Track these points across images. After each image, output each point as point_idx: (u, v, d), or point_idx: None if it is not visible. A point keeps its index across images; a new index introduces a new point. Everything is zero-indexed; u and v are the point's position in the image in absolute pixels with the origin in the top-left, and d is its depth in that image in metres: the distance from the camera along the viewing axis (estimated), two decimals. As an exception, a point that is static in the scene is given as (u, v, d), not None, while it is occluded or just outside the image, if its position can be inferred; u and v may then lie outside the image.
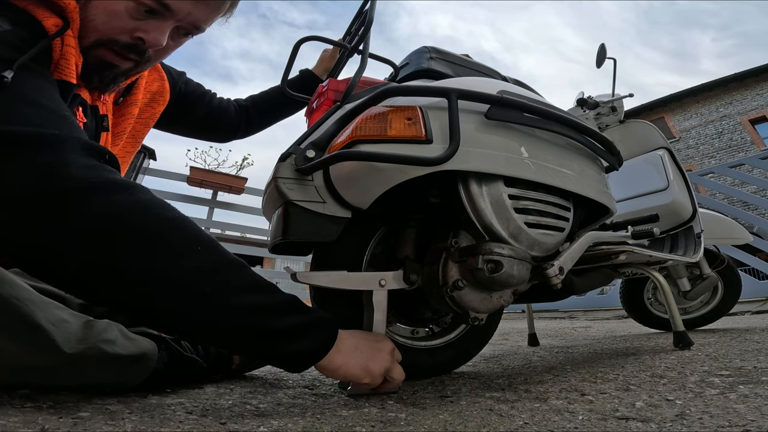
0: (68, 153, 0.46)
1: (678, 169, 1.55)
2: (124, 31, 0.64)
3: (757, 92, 12.68)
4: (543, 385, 0.70)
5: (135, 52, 0.67)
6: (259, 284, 0.51)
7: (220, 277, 0.48)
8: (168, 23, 0.67)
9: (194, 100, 1.04)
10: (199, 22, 0.70)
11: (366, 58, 0.71)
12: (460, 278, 0.68)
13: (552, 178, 0.70)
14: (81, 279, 0.44)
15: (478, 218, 0.67)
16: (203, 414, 0.52)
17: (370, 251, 0.77)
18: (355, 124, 0.63)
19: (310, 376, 0.87)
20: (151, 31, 0.65)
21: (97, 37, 0.64)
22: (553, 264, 0.73)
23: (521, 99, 0.70)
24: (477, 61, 0.92)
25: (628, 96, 1.64)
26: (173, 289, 0.46)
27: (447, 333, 0.84)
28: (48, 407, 0.52)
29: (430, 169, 0.60)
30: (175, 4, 0.65)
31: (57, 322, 0.54)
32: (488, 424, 0.49)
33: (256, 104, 1.17)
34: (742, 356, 0.92)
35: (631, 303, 1.77)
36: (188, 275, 0.46)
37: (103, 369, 0.57)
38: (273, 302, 0.51)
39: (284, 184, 0.62)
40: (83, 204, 0.44)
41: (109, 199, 0.45)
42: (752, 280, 3.10)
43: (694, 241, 1.40)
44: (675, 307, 1.15)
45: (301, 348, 0.52)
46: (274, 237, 0.66)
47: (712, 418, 0.48)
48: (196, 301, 0.46)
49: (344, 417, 0.52)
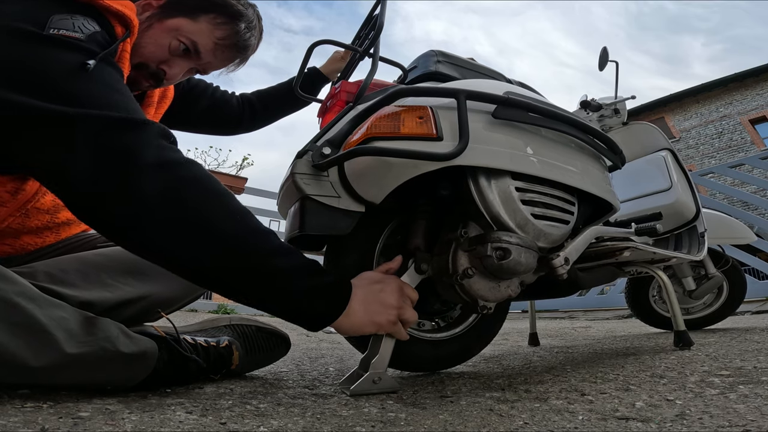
0: (151, 135, 0.56)
1: (681, 169, 1.55)
2: (157, 60, 0.77)
3: (757, 92, 12.68)
4: (543, 385, 0.70)
5: (154, 79, 0.79)
6: (282, 249, 0.58)
7: (251, 240, 0.56)
8: (188, 64, 0.81)
9: (198, 94, 1.07)
10: (210, 70, 0.86)
11: (377, 61, 0.74)
12: (470, 266, 0.70)
13: (556, 174, 0.73)
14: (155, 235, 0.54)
15: (487, 209, 0.69)
16: (203, 414, 0.52)
17: (381, 243, 0.80)
18: (370, 122, 0.65)
19: (310, 376, 0.87)
20: (175, 67, 0.79)
21: (139, 60, 0.76)
22: (559, 255, 0.76)
23: (526, 99, 0.72)
24: (482, 64, 0.94)
25: (630, 98, 1.64)
26: (217, 246, 0.54)
27: (452, 327, 0.87)
28: (48, 407, 0.52)
29: (441, 164, 0.63)
30: (205, 53, 0.81)
31: (58, 320, 0.54)
32: (488, 424, 0.49)
33: (262, 98, 1.18)
34: (742, 356, 0.92)
35: (636, 302, 1.78)
36: (228, 236, 0.55)
37: (104, 367, 0.57)
38: (294, 265, 0.58)
39: (301, 179, 0.65)
40: (164, 175, 0.54)
41: (181, 174, 0.56)
42: (752, 280, 3.10)
43: (697, 240, 1.41)
44: (677, 305, 1.16)
45: (316, 309, 0.59)
46: (290, 230, 0.69)
47: (712, 418, 0.48)
48: (233, 258, 0.55)
49: (344, 417, 0.52)
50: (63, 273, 0.67)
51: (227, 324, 0.83)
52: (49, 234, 0.78)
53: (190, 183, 0.55)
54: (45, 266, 0.68)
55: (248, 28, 0.84)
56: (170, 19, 0.77)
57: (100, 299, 0.67)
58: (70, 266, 0.69)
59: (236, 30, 0.82)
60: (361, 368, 0.71)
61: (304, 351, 1.33)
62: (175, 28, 0.77)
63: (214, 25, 0.80)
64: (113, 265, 0.74)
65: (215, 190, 0.57)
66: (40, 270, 0.66)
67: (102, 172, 0.52)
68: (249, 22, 0.84)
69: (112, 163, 0.53)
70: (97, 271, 0.71)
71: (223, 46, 0.82)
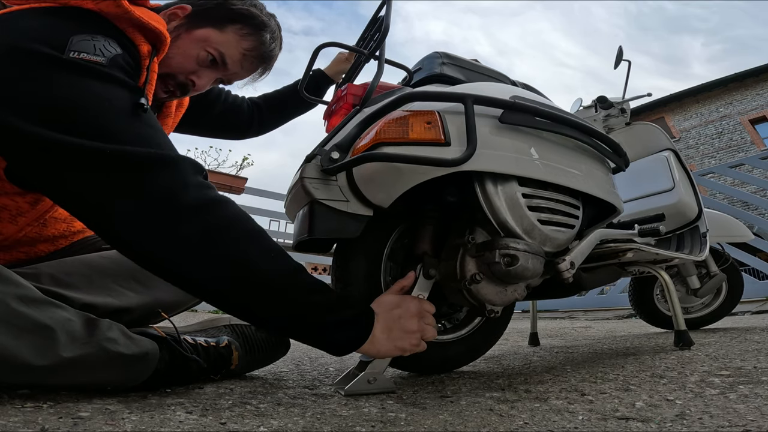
0: (186, 173, 0.56)
1: (683, 169, 1.55)
2: (185, 71, 0.77)
3: (757, 92, 12.67)
4: (543, 385, 0.70)
5: (181, 90, 0.80)
6: (314, 286, 0.60)
7: (287, 280, 0.58)
8: (216, 74, 0.81)
9: (212, 99, 1.07)
10: (235, 80, 0.86)
11: (383, 64, 0.74)
12: (478, 272, 0.71)
13: (561, 178, 0.73)
14: (194, 271, 0.55)
15: (494, 215, 0.70)
16: (203, 414, 0.52)
17: (389, 246, 0.80)
18: (379, 127, 0.66)
19: (310, 376, 0.87)
20: (203, 78, 0.80)
21: (166, 71, 0.75)
22: (565, 259, 0.77)
23: (533, 104, 0.72)
24: (486, 65, 0.94)
25: (647, 95, 1.64)
26: (253, 284, 0.56)
27: (459, 329, 0.88)
28: (48, 407, 0.52)
29: (450, 169, 0.64)
30: (232, 64, 0.81)
31: (61, 322, 0.54)
32: (488, 424, 0.49)
33: (269, 102, 1.19)
34: (742, 356, 0.92)
35: (640, 301, 1.78)
36: (264, 275, 0.57)
37: (106, 368, 0.57)
38: (326, 301, 0.59)
39: (310, 184, 0.65)
40: (205, 217, 0.55)
41: (217, 214, 0.56)
42: (752, 280, 3.10)
43: (699, 240, 1.42)
44: (678, 305, 1.17)
45: (342, 339, 0.61)
46: (299, 234, 0.70)
47: (712, 418, 0.48)
48: (269, 296, 0.57)
49: (344, 417, 0.52)
50: (67, 276, 0.67)
51: (227, 324, 0.83)
52: (63, 241, 0.79)
53: (229, 223, 0.57)
54: (49, 268, 0.67)
55: (272, 38, 0.84)
56: (198, 29, 0.77)
57: (104, 304, 0.67)
58: (74, 269, 0.69)
59: (262, 40, 0.82)
60: (358, 368, 0.72)
61: (304, 351, 1.33)
62: (203, 39, 0.76)
63: (241, 36, 0.80)
64: (119, 269, 0.73)
65: (252, 229, 0.59)
66: (45, 272, 0.66)
67: (144, 214, 0.53)
68: (272, 33, 0.84)
69: (154, 206, 0.53)
70: (102, 276, 0.71)
71: (249, 57, 0.82)
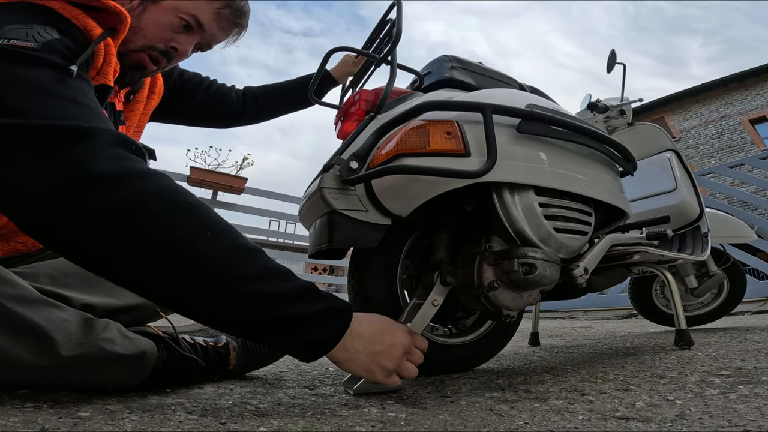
0: (101, 144, 0.50)
1: (685, 170, 1.56)
2: (163, 40, 0.78)
3: (757, 92, 12.66)
4: (543, 385, 0.70)
5: (166, 58, 0.79)
6: (268, 271, 0.51)
7: (226, 263, 0.49)
8: (195, 38, 0.81)
9: (192, 89, 1.07)
10: (214, 42, 0.86)
11: (395, 69, 0.74)
12: (495, 279, 0.72)
13: (576, 186, 0.74)
14: (105, 258, 0.48)
15: (511, 225, 0.71)
16: (203, 414, 0.52)
17: (404, 253, 0.81)
18: (399, 138, 0.66)
19: (310, 376, 0.87)
20: (183, 43, 0.79)
21: (143, 43, 0.76)
22: (579, 265, 0.79)
23: (549, 112, 0.73)
24: (491, 68, 0.95)
25: (638, 101, 1.65)
26: (183, 270, 0.48)
27: (464, 335, 0.89)
28: (48, 407, 0.52)
29: (471, 181, 0.64)
30: (207, 24, 0.80)
31: (57, 322, 0.54)
32: (488, 424, 0.49)
33: (269, 94, 1.19)
34: (742, 356, 0.92)
35: (639, 299, 1.82)
36: (197, 259, 0.48)
37: (103, 368, 0.57)
38: (278, 290, 0.51)
39: (329, 194, 0.66)
40: (108, 190, 0.48)
41: (132, 185, 0.49)
42: (752, 280, 3.09)
43: (701, 240, 1.43)
44: (680, 305, 1.18)
45: (303, 340, 0.53)
46: (318, 243, 0.70)
47: (712, 418, 0.48)
48: (202, 285, 0.48)
49: (344, 417, 0.52)
50: (65, 276, 0.67)
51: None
52: None
53: (145, 196, 0.49)
54: (47, 268, 0.67)
55: None
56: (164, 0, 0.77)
57: (103, 303, 0.67)
58: (72, 269, 0.68)
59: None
60: None
61: (304, 351, 1.32)
62: (173, 7, 0.77)
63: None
64: None
65: (186, 203, 0.51)
66: (42, 272, 0.66)
67: (54, 187, 0.47)
68: None
69: (62, 178, 0.47)
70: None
71: (223, 15, 0.82)
